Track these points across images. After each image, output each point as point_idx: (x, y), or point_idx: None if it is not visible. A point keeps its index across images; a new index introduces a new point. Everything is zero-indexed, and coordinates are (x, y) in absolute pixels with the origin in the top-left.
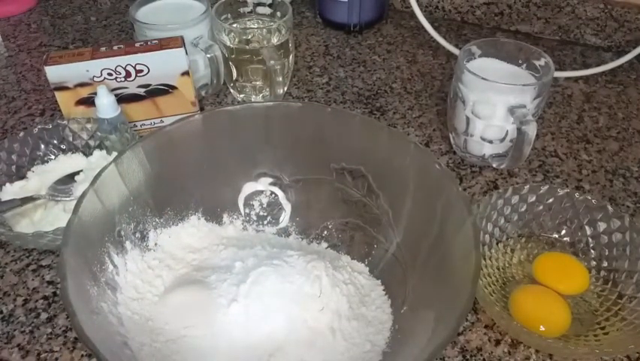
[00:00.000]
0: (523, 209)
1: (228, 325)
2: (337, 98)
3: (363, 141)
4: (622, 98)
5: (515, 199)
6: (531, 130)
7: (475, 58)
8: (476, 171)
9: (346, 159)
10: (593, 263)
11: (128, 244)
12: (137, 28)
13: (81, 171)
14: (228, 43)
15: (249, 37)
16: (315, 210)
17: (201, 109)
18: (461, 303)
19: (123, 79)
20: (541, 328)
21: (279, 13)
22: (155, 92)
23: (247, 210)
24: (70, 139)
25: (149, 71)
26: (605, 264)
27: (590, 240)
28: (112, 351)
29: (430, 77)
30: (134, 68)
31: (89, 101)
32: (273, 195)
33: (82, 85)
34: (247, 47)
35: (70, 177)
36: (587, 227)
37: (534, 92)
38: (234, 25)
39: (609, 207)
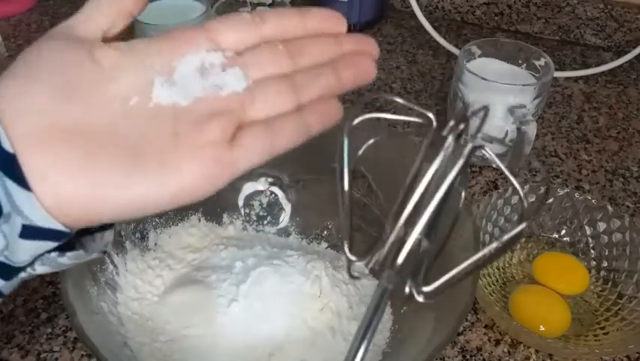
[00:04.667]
0: None
1: (228, 325)
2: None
3: (364, 141)
4: (622, 98)
5: (515, 199)
6: (531, 130)
7: (475, 58)
8: (476, 171)
9: None
10: (593, 263)
11: (128, 244)
12: (137, 28)
13: None
14: None
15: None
16: (315, 210)
17: None
18: (461, 303)
19: None
20: (541, 328)
21: None
22: None
23: (247, 210)
24: None
25: None
26: (605, 264)
27: (590, 240)
28: (112, 351)
29: (429, 77)
30: None
31: None
32: (273, 195)
33: None
34: None
35: None
36: (586, 227)
37: (534, 92)
38: None
39: (609, 207)
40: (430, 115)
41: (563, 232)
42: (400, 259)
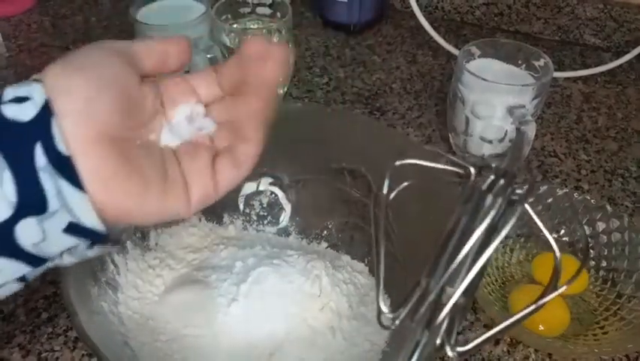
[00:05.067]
0: None
1: (229, 324)
2: (337, 99)
3: (363, 141)
4: (621, 98)
5: None
6: (530, 130)
7: (474, 58)
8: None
9: (346, 159)
10: (592, 263)
11: (128, 244)
12: (138, 29)
13: None
14: (228, 44)
15: (249, 37)
16: (315, 210)
17: None
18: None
19: None
20: (540, 327)
21: (279, 14)
22: None
23: (247, 210)
24: None
25: None
26: (604, 264)
27: (589, 240)
28: (112, 350)
29: (429, 77)
30: None
31: None
32: (273, 195)
33: None
34: None
35: None
36: (585, 227)
37: (533, 92)
38: (234, 26)
39: (608, 207)
40: (471, 169)
41: (562, 231)
42: (440, 319)
